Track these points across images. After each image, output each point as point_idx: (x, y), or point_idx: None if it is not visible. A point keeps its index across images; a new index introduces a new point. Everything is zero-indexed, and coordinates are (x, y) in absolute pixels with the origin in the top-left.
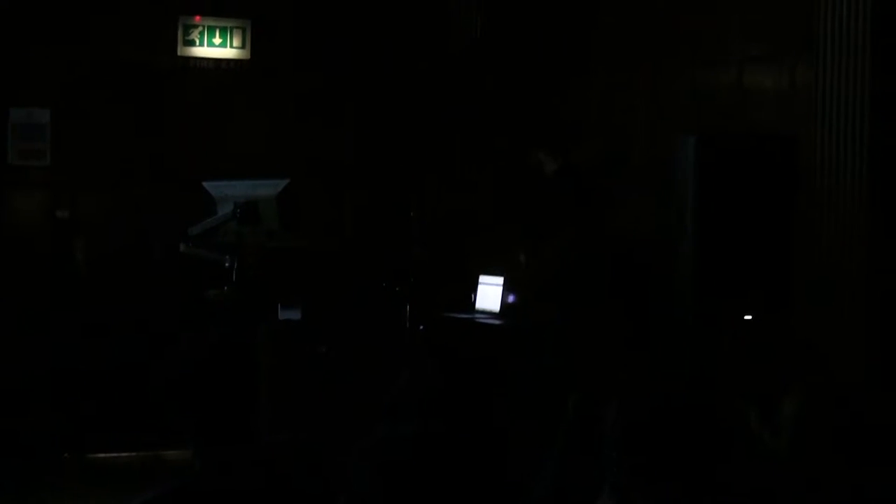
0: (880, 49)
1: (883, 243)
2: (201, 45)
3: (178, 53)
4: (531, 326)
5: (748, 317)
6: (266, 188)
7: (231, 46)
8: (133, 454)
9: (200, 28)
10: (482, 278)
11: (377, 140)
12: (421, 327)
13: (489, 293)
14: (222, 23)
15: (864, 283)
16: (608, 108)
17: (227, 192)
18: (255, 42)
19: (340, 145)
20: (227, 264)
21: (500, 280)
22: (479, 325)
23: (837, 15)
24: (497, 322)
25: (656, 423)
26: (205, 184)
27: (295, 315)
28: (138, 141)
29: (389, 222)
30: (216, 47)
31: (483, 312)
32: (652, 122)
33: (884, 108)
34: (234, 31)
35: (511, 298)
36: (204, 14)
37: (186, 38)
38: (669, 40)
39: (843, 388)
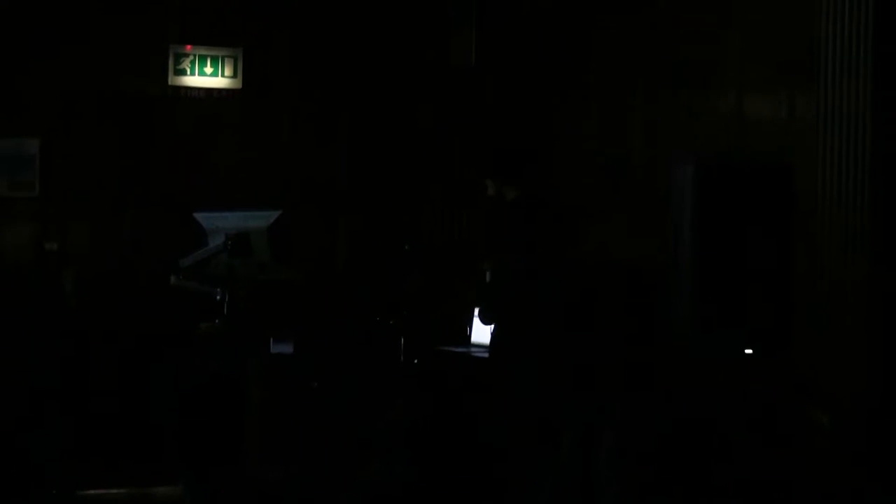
0: (882, 75)
1: (884, 274)
2: (192, 74)
3: (169, 82)
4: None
5: (748, 350)
6: (258, 220)
7: (222, 75)
8: (123, 490)
9: (191, 57)
10: (476, 310)
11: (371, 169)
12: (416, 361)
13: (484, 326)
14: (213, 52)
15: (864, 313)
16: (604, 132)
17: (219, 223)
18: (247, 71)
19: (333, 175)
20: (218, 297)
21: None
22: (474, 359)
23: (838, 41)
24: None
25: (653, 453)
26: (196, 215)
27: (287, 348)
28: (128, 171)
29: (383, 252)
30: (207, 76)
31: (478, 346)
32: (648, 148)
33: (885, 136)
34: (226, 59)
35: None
36: (195, 43)
37: (177, 66)
38: (666, 66)
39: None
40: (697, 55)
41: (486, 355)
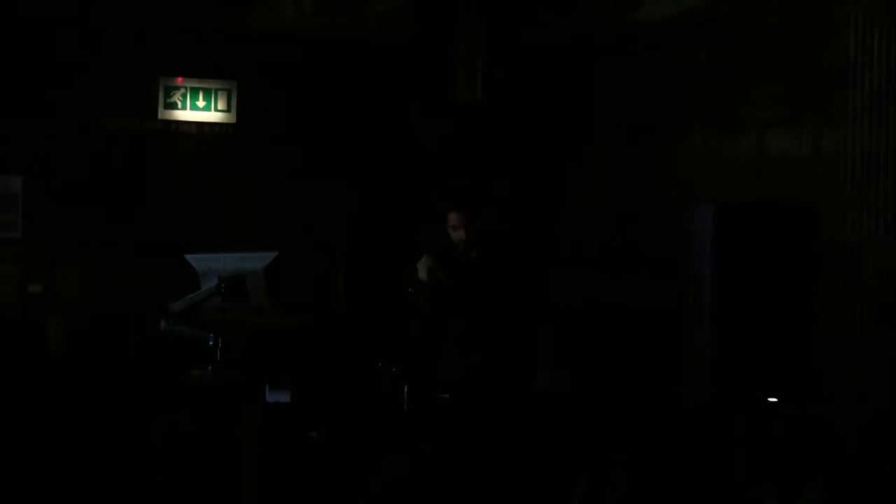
0: None
1: None
2: (183, 108)
3: (159, 117)
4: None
5: (772, 399)
6: (253, 261)
7: (216, 109)
8: None
9: (183, 90)
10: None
11: (372, 208)
12: (415, 411)
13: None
14: (206, 84)
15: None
16: (616, 175)
17: (212, 265)
18: (242, 104)
19: (333, 214)
20: (210, 343)
21: None
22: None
23: (866, 77)
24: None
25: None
26: (187, 256)
27: (284, 397)
28: (116, 210)
29: (385, 295)
30: (200, 110)
31: None
32: (662, 190)
33: None
34: (219, 93)
35: None
36: (186, 75)
37: (168, 100)
38: (683, 105)
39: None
40: (714, 92)
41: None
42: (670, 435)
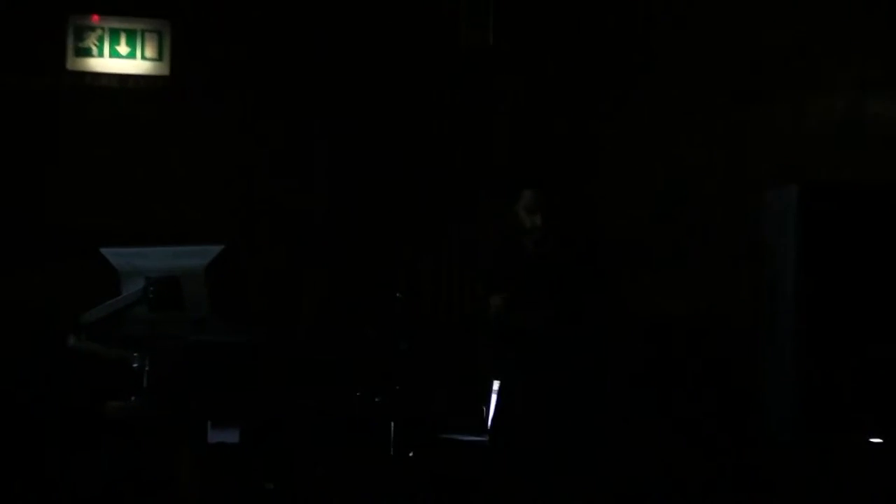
0: None
1: None
2: (100, 55)
3: (69, 68)
4: None
5: (876, 440)
6: (191, 258)
7: (142, 58)
8: None
9: (99, 32)
10: (497, 385)
11: (352, 190)
12: (410, 454)
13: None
14: (130, 24)
15: None
16: (661, 147)
17: (137, 262)
18: (177, 51)
19: (301, 198)
20: (135, 365)
21: None
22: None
23: None
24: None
25: None
26: (105, 251)
27: (231, 437)
28: (13, 191)
29: (366, 306)
30: (122, 58)
31: None
32: (726, 167)
33: None
34: (147, 35)
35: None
36: (104, 12)
37: (79, 45)
38: (755, 58)
39: None
40: (793, 41)
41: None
42: (739, 492)
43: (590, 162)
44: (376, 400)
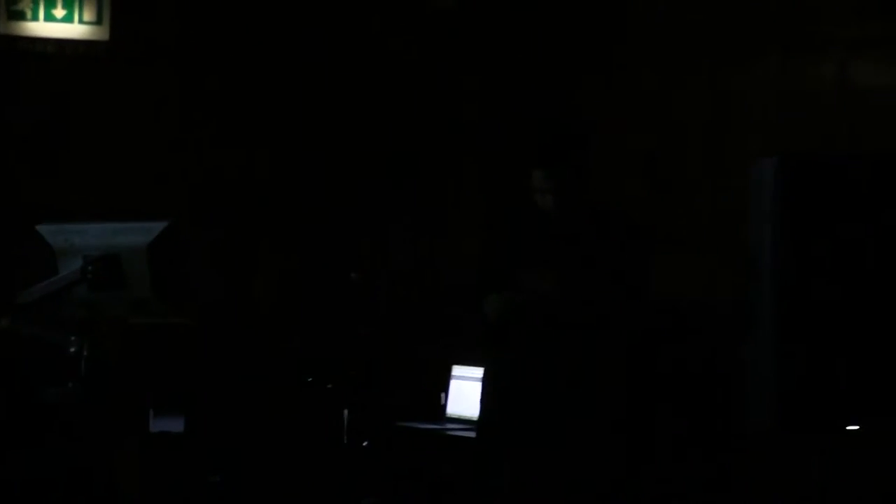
0: None
1: None
2: (35, 18)
3: (1, 31)
4: None
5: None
6: (133, 235)
7: (80, 21)
8: None
9: None
10: (456, 370)
11: (305, 164)
12: (365, 443)
13: (466, 392)
14: None
15: None
16: (648, 116)
17: (74, 239)
18: (119, 14)
19: (249, 172)
20: (72, 349)
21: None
22: (452, 440)
23: None
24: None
25: None
26: (39, 228)
27: (175, 426)
28: None
29: (320, 287)
30: (57, 22)
31: (458, 421)
32: (717, 136)
33: None
34: None
35: None
36: None
37: (11, 8)
38: (737, 21)
39: None
40: (785, 2)
41: (467, 433)
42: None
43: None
44: (329, 386)
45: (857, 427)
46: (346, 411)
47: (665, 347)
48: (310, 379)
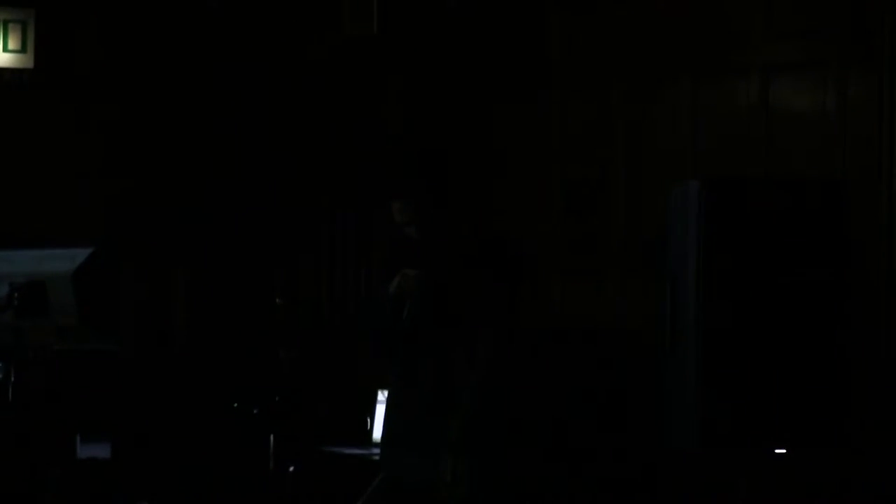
0: None
1: None
2: None
3: None
4: None
5: (780, 450)
6: (58, 262)
7: (5, 50)
8: None
9: None
10: (382, 395)
11: (231, 186)
12: (291, 468)
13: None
14: None
15: None
16: (569, 144)
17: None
18: (43, 43)
19: (172, 197)
20: None
21: None
22: (378, 465)
23: None
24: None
25: None
26: None
27: (102, 452)
28: None
29: (244, 312)
30: None
31: None
32: (635, 159)
33: None
34: (11, 26)
35: None
36: None
37: None
38: (658, 43)
39: None
40: (703, 26)
41: None
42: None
43: (484, 159)
44: (254, 412)
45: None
46: (271, 437)
47: (582, 373)
48: (235, 405)
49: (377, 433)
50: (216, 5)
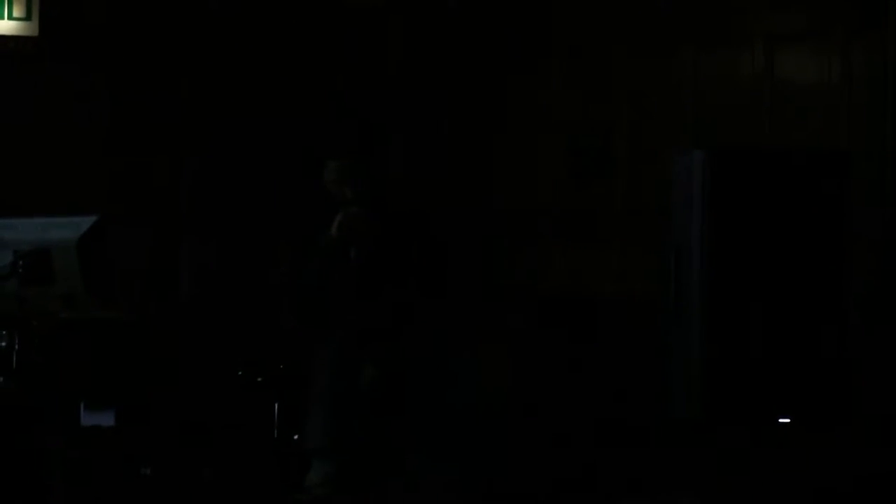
0: None
1: None
2: None
3: None
4: None
5: (784, 419)
6: (63, 229)
7: (9, 17)
8: None
9: None
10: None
11: (235, 157)
12: (295, 437)
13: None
14: None
15: None
16: (571, 109)
17: (5, 234)
18: (48, 9)
19: (178, 166)
20: (3, 344)
21: None
22: None
23: None
24: None
25: None
26: None
27: (106, 419)
28: None
29: (248, 281)
30: None
31: None
32: (636, 128)
33: None
34: None
35: None
36: None
37: None
38: (660, 11)
39: None
40: None
41: None
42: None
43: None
44: (258, 379)
45: (787, 420)
46: (276, 405)
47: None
48: (240, 373)
49: None
50: None
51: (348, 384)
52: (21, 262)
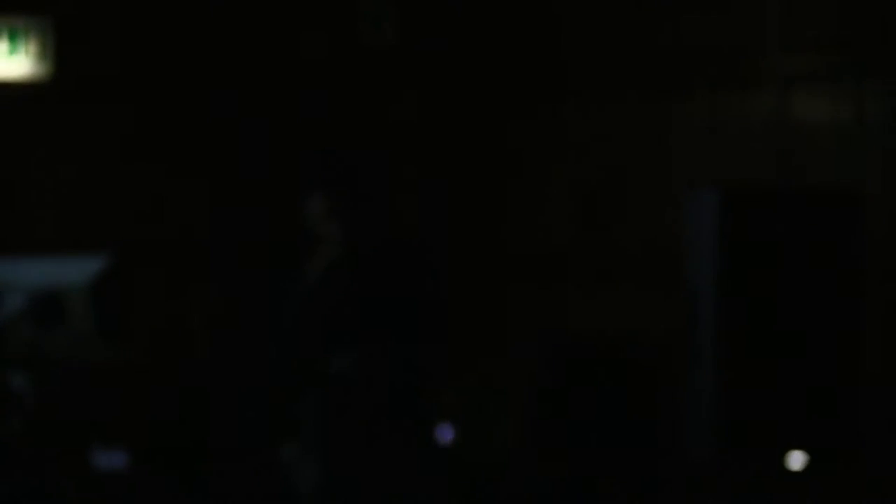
0: None
1: None
2: None
3: None
4: None
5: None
6: (75, 272)
7: (24, 57)
8: None
9: None
10: None
11: (244, 203)
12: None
13: None
14: (6, 21)
15: None
16: (583, 153)
17: (16, 276)
18: (62, 52)
19: (191, 210)
20: (15, 387)
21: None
22: None
23: None
24: None
25: None
26: None
27: (119, 462)
28: None
29: (261, 319)
30: (2, 57)
31: None
32: (650, 170)
33: None
34: (28, 34)
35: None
36: None
37: None
38: (675, 54)
39: None
40: (719, 37)
41: None
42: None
43: (500, 170)
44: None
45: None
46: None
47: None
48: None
49: None
50: None
51: (337, 431)
52: (34, 306)
